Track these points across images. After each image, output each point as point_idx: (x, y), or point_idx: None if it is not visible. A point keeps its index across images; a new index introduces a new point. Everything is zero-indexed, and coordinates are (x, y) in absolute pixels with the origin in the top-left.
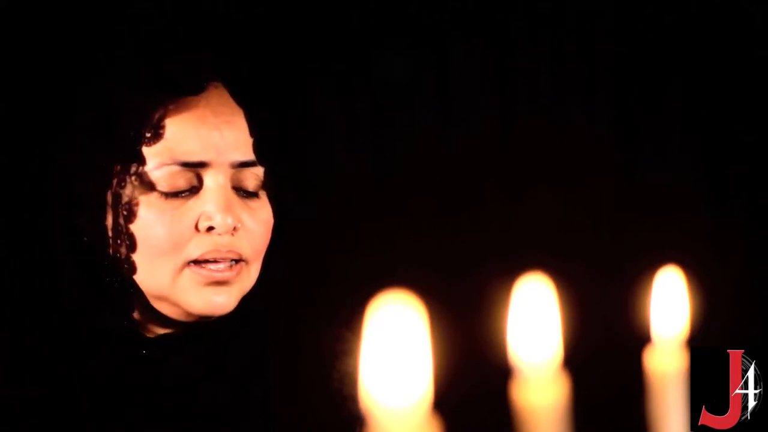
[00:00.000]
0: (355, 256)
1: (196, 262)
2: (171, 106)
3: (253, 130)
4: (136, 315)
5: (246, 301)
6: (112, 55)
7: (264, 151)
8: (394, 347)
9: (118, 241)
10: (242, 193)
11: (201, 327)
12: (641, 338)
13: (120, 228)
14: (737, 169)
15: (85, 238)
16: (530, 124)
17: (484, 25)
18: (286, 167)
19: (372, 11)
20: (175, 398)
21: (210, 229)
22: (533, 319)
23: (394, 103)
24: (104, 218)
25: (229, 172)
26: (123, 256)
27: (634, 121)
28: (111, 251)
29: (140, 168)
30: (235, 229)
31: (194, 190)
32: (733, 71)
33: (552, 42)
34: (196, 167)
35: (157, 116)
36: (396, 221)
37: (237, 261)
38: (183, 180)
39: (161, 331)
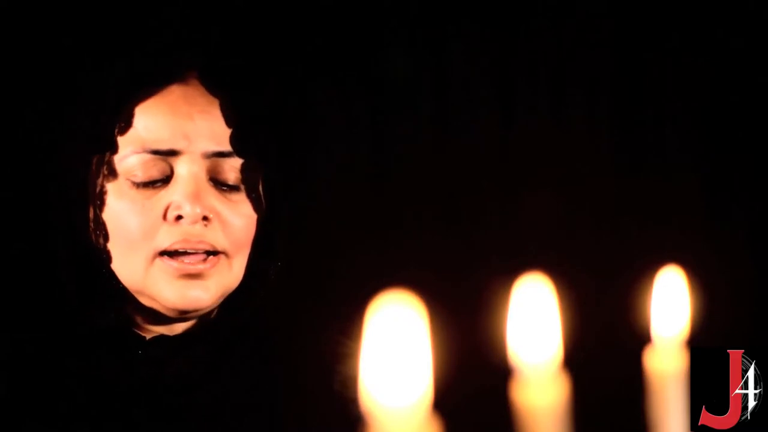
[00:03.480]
0: (355, 256)
1: (168, 253)
2: (144, 94)
3: (230, 121)
4: (126, 308)
5: (241, 299)
6: (90, 47)
7: (242, 142)
8: (394, 347)
9: (97, 232)
10: (221, 185)
11: (198, 327)
12: (641, 338)
13: (98, 218)
14: (737, 169)
15: (75, 229)
16: (530, 124)
17: (484, 25)
18: (272, 159)
19: (372, 10)
20: (170, 400)
21: (179, 218)
22: (533, 319)
23: (394, 103)
24: (87, 209)
25: (204, 162)
26: (101, 246)
27: (634, 121)
28: (93, 241)
29: (113, 157)
30: (206, 219)
31: (167, 179)
32: (734, 71)
33: (552, 42)
34: (166, 155)
35: (130, 104)
36: (396, 221)
37: (213, 254)
38: (155, 169)
39: (156, 329)
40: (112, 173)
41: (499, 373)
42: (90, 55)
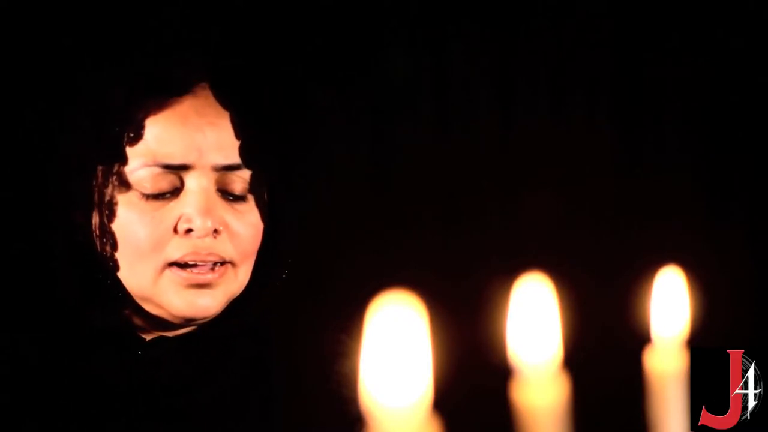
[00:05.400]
0: (354, 256)
1: (177, 264)
2: (155, 106)
3: (240, 133)
4: (128, 314)
5: (243, 303)
6: (100, 54)
7: (251, 154)
8: (394, 347)
9: (104, 240)
10: (228, 196)
11: (199, 330)
12: (641, 338)
13: (104, 227)
14: (737, 169)
15: (79, 237)
16: (530, 124)
17: (484, 25)
18: (279, 169)
19: (372, 10)
20: (170, 401)
21: (189, 231)
22: (533, 319)
23: (394, 103)
24: (90, 215)
25: (213, 174)
26: (108, 254)
27: (634, 120)
28: (99, 249)
29: (122, 168)
30: (216, 231)
31: (176, 191)
32: (734, 71)
33: (552, 42)
34: (177, 170)
35: (140, 116)
36: (396, 221)
37: (221, 263)
38: (165, 182)
39: (158, 332)
40: (124, 185)
41: (499, 373)
42: (97, 61)
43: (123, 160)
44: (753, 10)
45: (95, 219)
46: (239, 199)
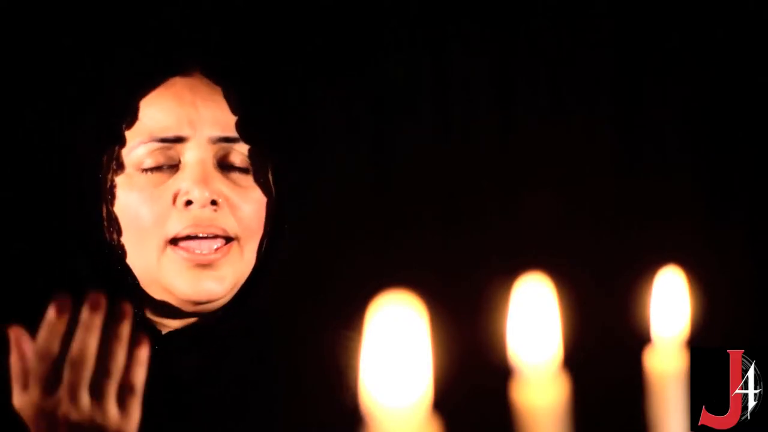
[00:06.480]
0: (355, 256)
1: (179, 240)
2: (148, 88)
3: (235, 109)
4: (141, 304)
5: (254, 285)
6: (94, 45)
7: (248, 128)
8: (395, 347)
9: (111, 228)
10: (229, 170)
11: (205, 325)
12: (641, 338)
13: (110, 214)
14: (737, 169)
15: (88, 227)
16: (530, 124)
17: (484, 25)
18: (278, 146)
19: (372, 10)
20: (186, 394)
21: (188, 203)
22: (533, 319)
23: (394, 103)
24: (101, 206)
25: (211, 148)
26: (115, 242)
27: (634, 121)
28: (107, 237)
29: (121, 150)
30: (215, 203)
31: (175, 166)
32: (734, 71)
33: (552, 42)
34: (173, 142)
35: (136, 98)
36: (396, 221)
37: (226, 240)
38: (163, 156)
39: (171, 323)
40: (120, 166)
41: (499, 373)
42: (96, 56)
43: (122, 143)
44: (753, 10)
45: (104, 209)
46: (240, 171)
